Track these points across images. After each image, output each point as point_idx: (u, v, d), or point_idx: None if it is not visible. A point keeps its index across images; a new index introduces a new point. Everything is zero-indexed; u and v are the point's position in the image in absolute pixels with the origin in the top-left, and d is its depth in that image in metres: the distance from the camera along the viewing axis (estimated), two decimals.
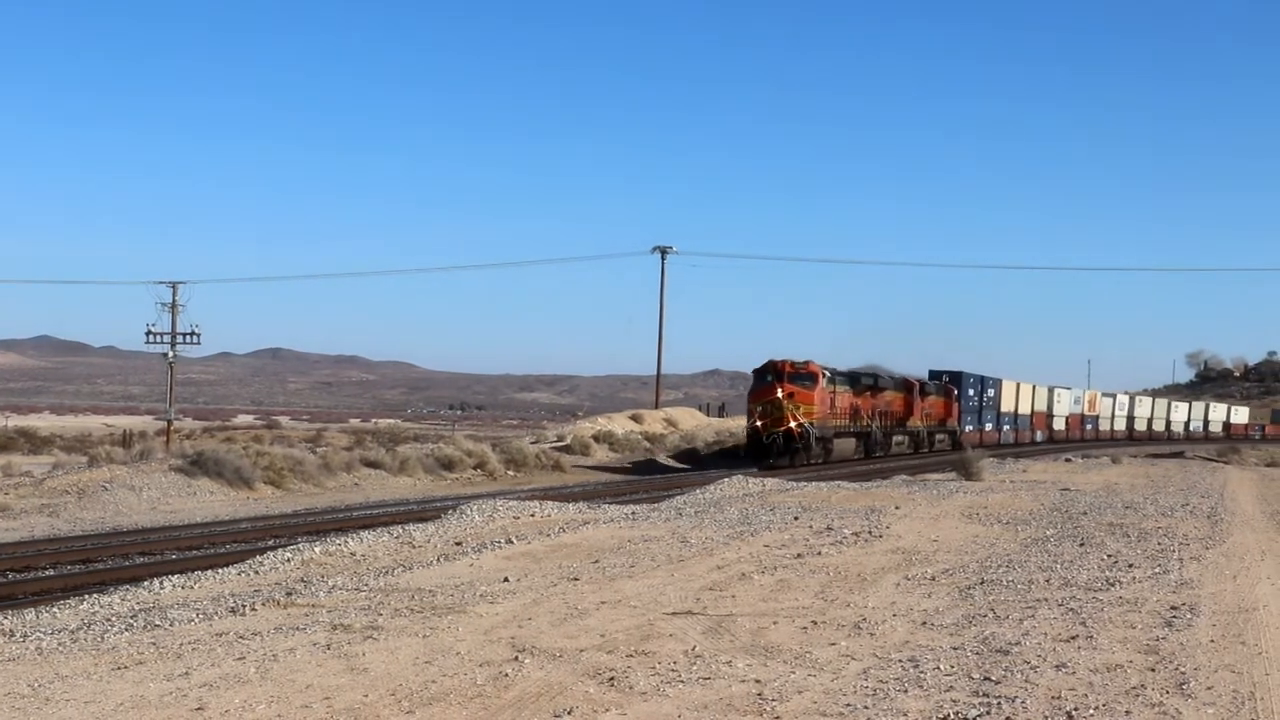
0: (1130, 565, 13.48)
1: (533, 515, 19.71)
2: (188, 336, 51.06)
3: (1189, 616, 10.25)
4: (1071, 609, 10.55)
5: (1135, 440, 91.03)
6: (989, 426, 68.71)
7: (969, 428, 64.19)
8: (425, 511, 23.22)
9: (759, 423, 41.52)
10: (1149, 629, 9.68)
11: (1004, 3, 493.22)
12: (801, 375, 42.15)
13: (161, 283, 50.99)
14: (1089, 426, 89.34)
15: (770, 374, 42.34)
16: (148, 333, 50.82)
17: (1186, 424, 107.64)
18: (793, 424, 40.87)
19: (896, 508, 20.28)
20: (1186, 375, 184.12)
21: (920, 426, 55.35)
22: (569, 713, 7.05)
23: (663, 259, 54.28)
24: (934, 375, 62.99)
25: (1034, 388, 78.63)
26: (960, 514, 19.44)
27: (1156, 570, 13.12)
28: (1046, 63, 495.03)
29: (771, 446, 40.80)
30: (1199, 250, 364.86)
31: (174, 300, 50.49)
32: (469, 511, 19.73)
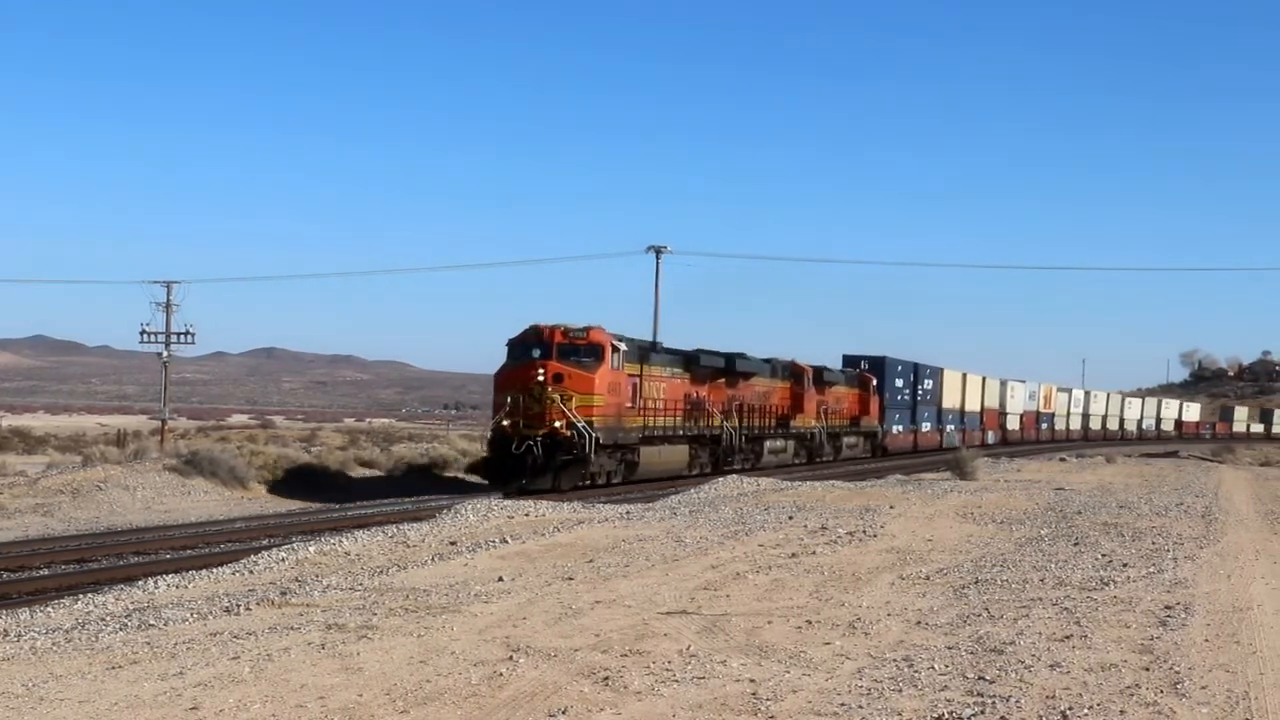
0: (1125, 565, 13.50)
1: (527, 515, 19.70)
2: (182, 336, 50.94)
3: (1183, 616, 10.25)
4: (1066, 608, 10.55)
5: (1090, 441, 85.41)
6: (927, 426, 55.73)
7: (897, 428, 51.99)
8: (420, 511, 23.20)
9: (507, 422, 27.94)
10: (1143, 628, 9.68)
11: (1001, 2, 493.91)
12: (578, 349, 28.54)
13: (156, 282, 50.89)
14: (1044, 425, 79.51)
15: (533, 346, 28.60)
16: (142, 332, 50.69)
17: (1139, 421, 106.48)
18: (559, 423, 27.48)
19: (891, 507, 20.29)
20: (1181, 375, 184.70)
21: (815, 427, 42.97)
22: (563, 712, 7.04)
23: (657, 259, 54.27)
24: (848, 361, 50.19)
25: (984, 380, 65.19)
26: (955, 513, 19.45)
27: (1151, 570, 13.13)
28: (1040, 59, 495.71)
29: (525, 458, 27.32)
30: (1196, 250, 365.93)
31: (169, 300, 50.35)
32: (464, 511, 19.73)
